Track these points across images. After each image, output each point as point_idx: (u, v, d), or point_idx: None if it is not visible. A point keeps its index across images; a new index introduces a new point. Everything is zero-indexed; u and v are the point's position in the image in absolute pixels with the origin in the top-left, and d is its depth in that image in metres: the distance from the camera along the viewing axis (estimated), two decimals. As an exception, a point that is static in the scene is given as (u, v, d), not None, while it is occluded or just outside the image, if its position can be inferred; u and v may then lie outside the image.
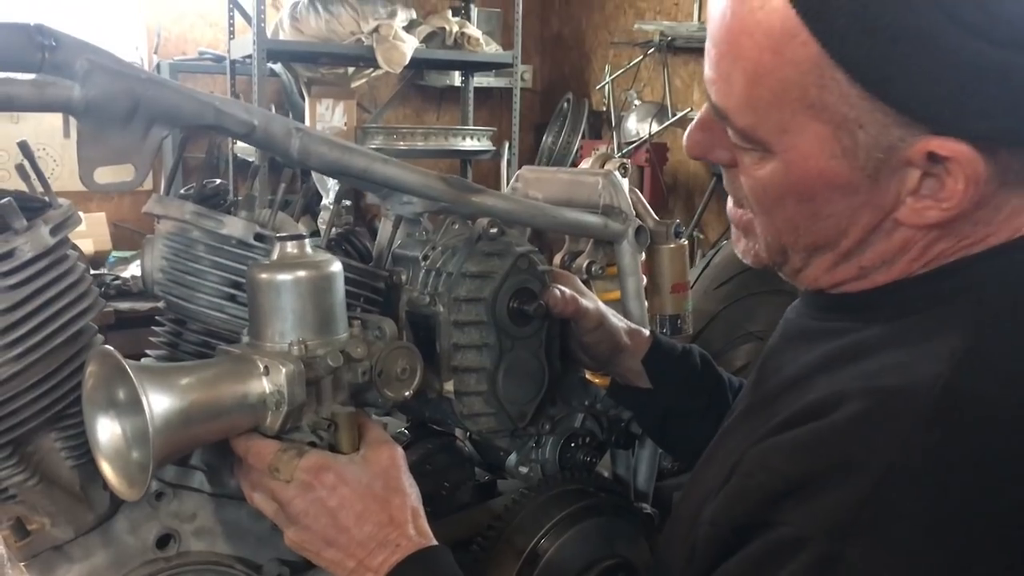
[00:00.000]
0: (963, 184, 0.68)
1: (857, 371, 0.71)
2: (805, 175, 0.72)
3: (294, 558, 1.05)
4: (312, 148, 1.07)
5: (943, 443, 0.62)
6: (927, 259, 0.74)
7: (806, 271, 0.80)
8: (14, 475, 0.89)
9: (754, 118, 0.73)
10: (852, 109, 0.68)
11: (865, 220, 0.73)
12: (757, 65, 0.70)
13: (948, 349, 0.67)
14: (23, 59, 0.90)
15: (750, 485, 0.70)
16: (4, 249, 0.84)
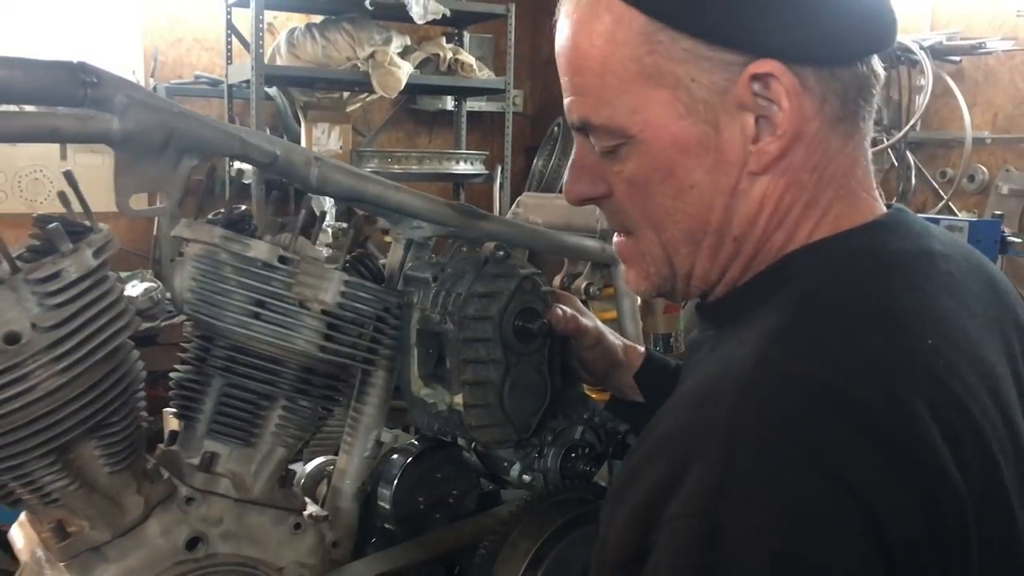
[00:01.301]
0: (786, 100, 0.75)
1: (699, 370, 0.78)
2: (661, 147, 0.79)
3: (313, 561, 1.12)
4: (330, 176, 1.14)
5: (763, 405, 0.67)
6: (782, 219, 0.80)
7: (695, 271, 0.84)
8: (57, 480, 0.95)
9: (609, 109, 0.80)
10: (681, 65, 0.76)
11: (723, 181, 0.79)
12: (599, 61, 0.79)
13: (764, 329, 0.73)
14: (67, 94, 0.97)
15: (625, 503, 0.73)
16: (52, 271, 0.91)
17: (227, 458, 1.08)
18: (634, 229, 0.86)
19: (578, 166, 0.87)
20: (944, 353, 0.72)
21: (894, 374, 0.69)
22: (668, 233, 0.83)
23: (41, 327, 0.91)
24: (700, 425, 0.69)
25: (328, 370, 1.11)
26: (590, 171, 0.86)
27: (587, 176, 0.86)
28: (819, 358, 0.69)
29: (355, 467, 1.21)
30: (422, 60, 4.35)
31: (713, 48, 0.75)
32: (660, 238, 0.84)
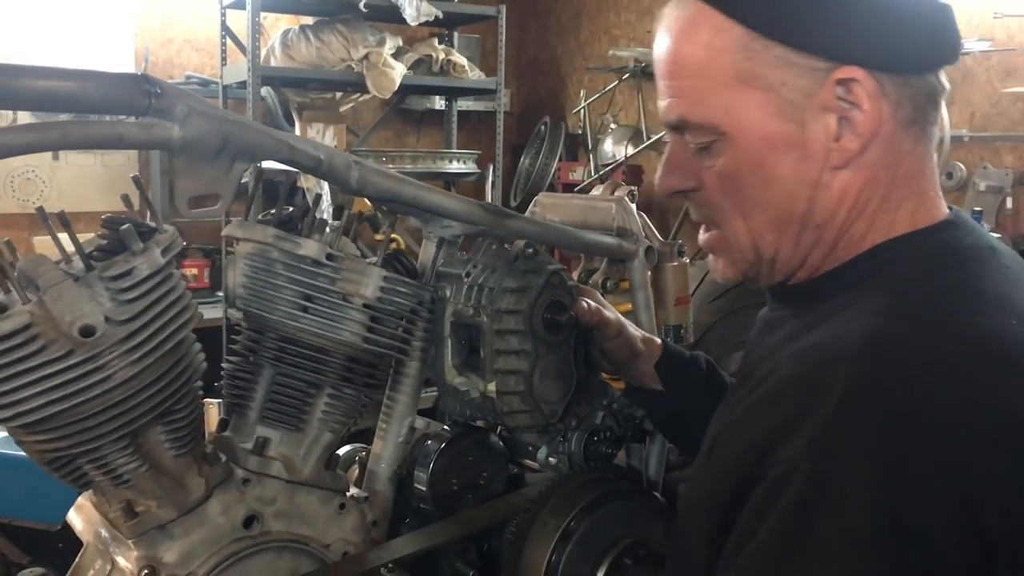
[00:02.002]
0: (868, 103, 0.86)
1: (803, 341, 0.86)
2: (752, 144, 0.89)
3: (357, 539, 1.20)
4: (369, 179, 1.22)
5: (877, 372, 0.75)
6: (862, 210, 0.89)
7: (780, 256, 0.93)
8: (129, 463, 1.02)
9: (705, 110, 0.90)
10: (773, 70, 0.87)
11: (807, 175, 0.89)
12: (699, 66, 0.90)
13: (872, 308, 0.82)
14: (133, 104, 1.04)
15: (730, 453, 0.83)
16: (124, 268, 0.98)
17: (278, 442, 1.16)
18: (722, 220, 0.95)
19: (671, 162, 0.97)
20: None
21: (994, 352, 0.77)
22: (755, 221, 0.92)
23: (115, 321, 0.98)
24: (819, 382, 0.77)
25: (370, 360, 1.18)
26: (682, 166, 0.95)
27: (679, 171, 0.96)
28: (927, 334, 0.78)
29: (390, 452, 1.29)
30: (415, 61, 4.43)
31: (802, 55, 0.86)
32: (748, 227, 0.93)
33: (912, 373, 0.75)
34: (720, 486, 0.84)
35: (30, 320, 0.93)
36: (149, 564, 1.04)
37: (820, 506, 0.72)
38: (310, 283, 1.13)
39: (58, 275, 0.96)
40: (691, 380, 1.32)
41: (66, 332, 0.95)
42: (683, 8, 0.92)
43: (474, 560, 1.28)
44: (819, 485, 0.73)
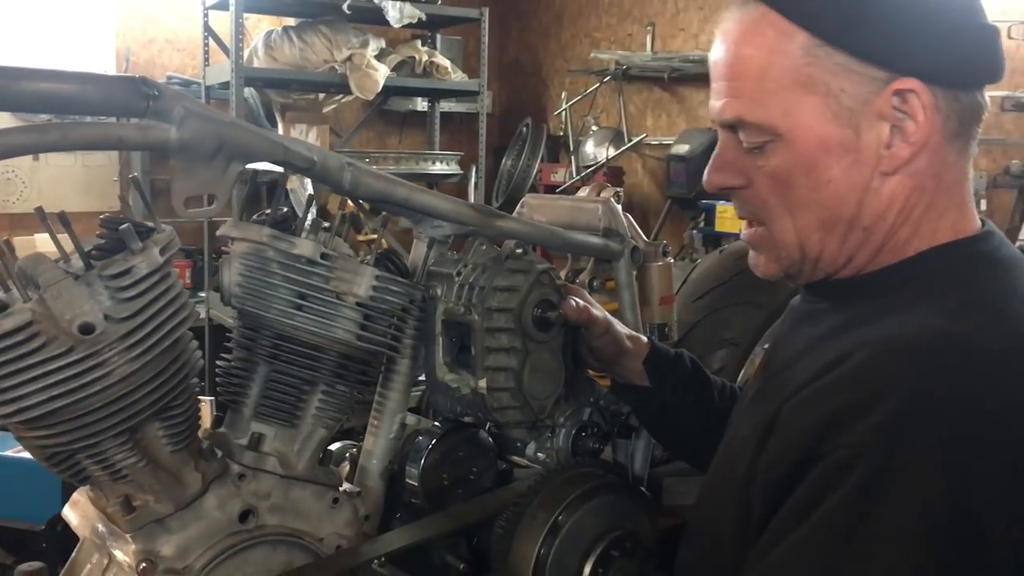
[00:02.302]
0: (922, 114, 0.89)
1: (861, 333, 0.89)
2: (807, 147, 0.92)
3: (349, 532, 1.22)
4: (361, 180, 1.24)
5: (948, 369, 0.80)
6: (908, 216, 0.93)
7: (824, 255, 0.97)
8: (128, 458, 1.04)
9: (763, 111, 0.93)
10: (835, 77, 0.90)
11: (858, 179, 0.92)
12: (760, 68, 0.93)
13: (935, 309, 0.86)
14: (131, 106, 1.06)
15: (796, 429, 0.86)
16: (124, 267, 1.00)
17: (273, 438, 1.18)
18: (768, 218, 0.99)
19: (720, 159, 1.00)
20: None
21: None
22: (803, 221, 0.96)
23: (114, 318, 0.99)
24: (891, 373, 0.81)
25: (363, 357, 1.21)
26: (732, 164, 0.99)
27: (729, 168, 0.99)
28: (990, 339, 0.82)
29: (382, 448, 1.32)
30: (398, 63, 4.45)
31: (863, 64, 0.89)
32: (795, 225, 0.96)
33: (978, 373, 0.80)
34: (781, 458, 0.87)
35: (31, 318, 0.95)
36: (147, 557, 1.06)
37: (884, 493, 0.76)
38: (305, 282, 1.15)
39: (58, 274, 0.98)
40: (677, 377, 1.35)
41: (66, 330, 0.97)
42: (746, 11, 0.95)
43: (464, 554, 1.31)
44: (885, 472, 0.77)
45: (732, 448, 1.02)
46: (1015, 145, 4.15)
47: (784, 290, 1.80)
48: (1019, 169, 4.09)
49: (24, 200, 5.17)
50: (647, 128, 5.90)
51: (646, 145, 5.78)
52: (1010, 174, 4.14)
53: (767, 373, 1.07)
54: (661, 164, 5.63)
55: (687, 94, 5.73)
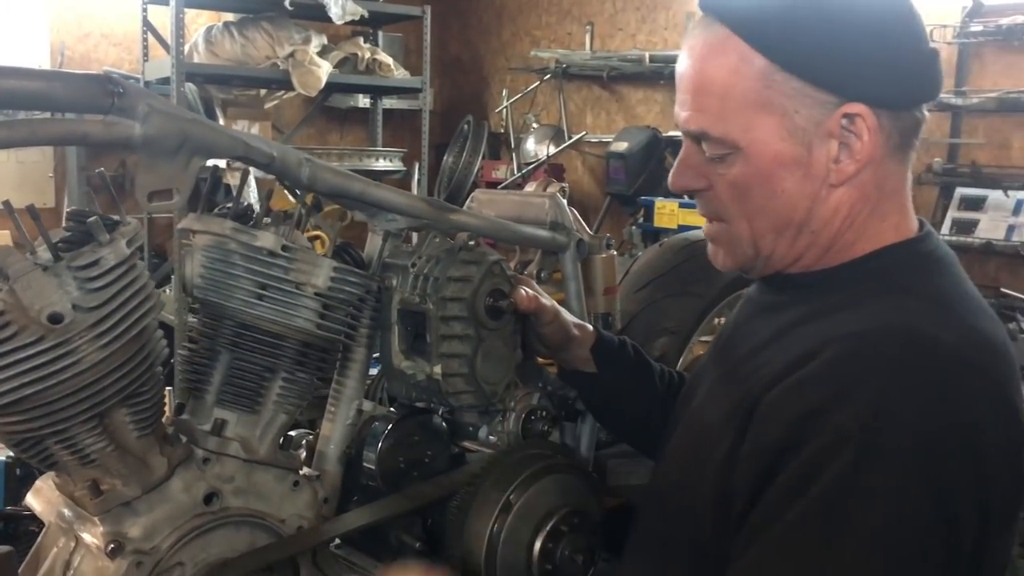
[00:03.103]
0: (867, 135, 0.99)
1: (829, 324, 0.97)
2: (764, 160, 1.02)
3: (310, 514, 1.27)
4: (319, 175, 1.29)
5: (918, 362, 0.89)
6: (852, 221, 1.03)
7: (775, 254, 1.07)
8: (97, 443, 1.08)
9: (725, 126, 1.02)
10: (790, 99, 0.99)
11: (808, 189, 1.02)
12: (724, 87, 1.01)
13: (892, 304, 0.96)
14: (95, 103, 1.09)
15: (777, 420, 0.93)
16: (92, 258, 1.04)
17: (235, 424, 1.22)
18: (727, 218, 1.08)
19: (684, 164, 1.09)
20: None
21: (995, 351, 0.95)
22: (758, 224, 1.05)
23: (83, 308, 1.03)
24: (863, 369, 0.90)
25: (322, 345, 1.25)
26: (695, 169, 1.07)
27: (691, 172, 1.08)
28: (946, 333, 0.92)
29: (339, 433, 1.36)
30: (340, 59, 4.47)
31: (816, 90, 0.98)
32: (751, 227, 1.06)
33: (939, 366, 0.90)
34: (765, 446, 0.94)
35: (2, 308, 0.98)
36: (115, 539, 1.10)
37: (869, 469, 0.86)
38: (266, 273, 1.19)
39: (27, 265, 1.01)
40: (622, 363, 1.42)
41: (36, 319, 1.00)
42: (711, 31, 1.03)
43: (419, 533, 1.36)
44: (867, 456, 0.86)
45: (705, 431, 1.08)
46: (937, 144, 4.33)
47: (719, 282, 1.89)
48: (940, 167, 4.27)
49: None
50: (587, 126, 6.00)
51: (586, 143, 5.88)
52: (933, 171, 4.32)
53: (730, 359, 1.14)
54: (600, 161, 5.74)
55: (625, 93, 5.84)
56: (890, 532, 0.86)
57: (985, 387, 0.91)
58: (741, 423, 0.99)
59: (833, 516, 0.87)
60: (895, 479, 0.86)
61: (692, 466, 1.08)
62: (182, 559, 1.15)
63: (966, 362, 0.92)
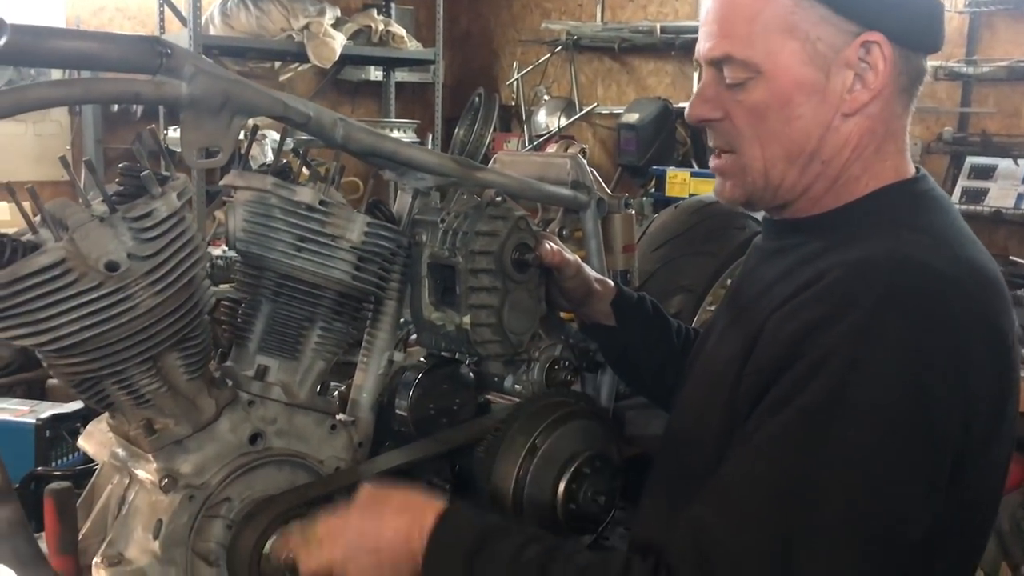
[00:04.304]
0: (882, 64, 1.05)
1: (831, 258, 1.03)
2: (784, 84, 1.08)
3: (346, 456, 1.34)
4: (352, 135, 1.35)
5: (908, 284, 0.95)
6: (860, 154, 1.08)
7: (784, 183, 1.13)
8: (150, 384, 1.15)
9: (751, 50, 1.08)
10: (813, 26, 1.06)
11: (822, 117, 1.08)
12: (753, 11, 1.08)
13: (892, 236, 1.01)
14: (145, 64, 1.15)
15: (777, 338, 1.00)
16: (146, 210, 1.10)
17: (276, 370, 1.29)
18: (740, 147, 1.13)
19: (702, 96, 1.14)
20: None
21: (987, 280, 1.01)
22: (771, 151, 1.11)
23: (137, 257, 1.09)
24: (861, 286, 0.96)
25: (357, 296, 1.32)
26: (713, 99, 1.13)
27: (710, 102, 1.13)
28: (939, 262, 0.97)
29: (371, 382, 1.43)
30: (354, 31, 4.51)
31: (839, 17, 1.05)
32: (763, 155, 1.11)
33: (931, 289, 0.96)
34: (767, 363, 1.01)
35: (64, 255, 1.05)
36: (168, 474, 1.17)
37: (856, 383, 0.91)
38: (304, 226, 1.26)
39: (85, 216, 1.07)
40: (640, 318, 1.49)
41: (94, 267, 1.06)
42: None
43: (448, 476, 1.43)
44: (853, 369, 0.92)
45: (716, 371, 1.15)
46: (948, 113, 4.36)
47: (733, 241, 1.95)
48: (951, 136, 4.31)
49: None
50: (598, 98, 6.03)
51: (597, 114, 5.91)
52: (943, 140, 4.35)
53: (739, 305, 1.21)
54: (611, 133, 5.78)
55: (637, 64, 5.87)
56: (869, 445, 0.91)
57: (973, 311, 0.97)
58: (747, 351, 1.05)
59: (815, 426, 0.93)
60: (879, 394, 0.91)
61: (704, 405, 1.14)
62: (230, 495, 1.22)
63: (955, 287, 0.97)
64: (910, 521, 0.93)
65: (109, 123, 5.26)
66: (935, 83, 4.35)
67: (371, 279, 1.32)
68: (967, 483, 0.98)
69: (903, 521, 0.93)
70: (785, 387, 0.96)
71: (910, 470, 0.92)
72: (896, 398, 0.91)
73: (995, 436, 1.00)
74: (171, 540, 1.18)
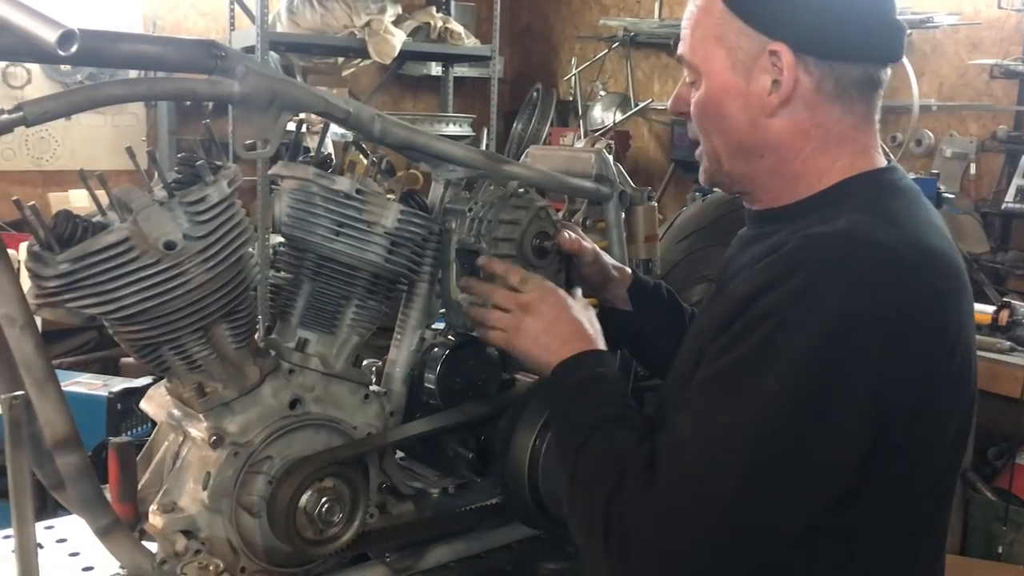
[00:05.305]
0: (787, 72, 1.14)
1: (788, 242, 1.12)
2: (714, 87, 1.20)
3: (378, 423, 1.46)
4: (389, 129, 1.47)
5: (848, 256, 1.04)
6: (798, 154, 1.18)
7: (735, 172, 1.24)
8: (202, 351, 1.29)
9: (693, 53, 1.22)
10: (736, 36, 1.17)
11: (747, 116, 1.19)
12: (696, 22, 1.22)
13: (845, 215, 1.09)
14: (202, 64, 1.29)
15: (732, 298, 1.11)
16: (200, 195, 1.24)
17: (315, 343, 1.42)
18: (700, 138, 1.27)
19: (678, 91, 1.29)
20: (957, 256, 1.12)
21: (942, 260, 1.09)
22: (717, 143, 1.24)
23: (192, 237, 1.23)
24: (803, 256, 1.06)
25: (390, 277, 1.45)
26: (683, 95, 1.27)
27: (680, 98, 1.28)
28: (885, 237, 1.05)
29: (404, 358, 1.56)
30: (414, 28, 4.65)
31: (752, 30, 1.16)
32: (712, 146, 1.25)
33: (872, 261, 1.04)
34: (720, 322, 1.12)
35: (128, 235, 1.19)
36: (217, 432, 1.31)
37: (780, 342, 1.02)
38: (342, 212, 1.38)
39: (146, 200, 1.21)
40: (655, 304, 1.59)
41: (154, 245, 1.20)
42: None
43: (473, 447, 1.55)
44: (785, 326, 1.02)
45: (689, 346, 1.25)
46: (1003, 111, 4.34)
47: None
48: (1005, 134, 4.28)
49: (57, 158, 5.43)
50: (653, 93, 6.09)
51: (652, 110, 5.97)
52: (997, 139, 4.32)
53: (716, 289, 1.31)
54: (666, 128, 5.84)
55: (693, 60, 5.89)
56: (778, 400, 1.00)
57: (913, 286, 1.04)
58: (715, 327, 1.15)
59: (738, 376, 1.04)
60: (798, 355, 1.00)
61: (681, 378, 1.24)
62: (271, 453, 1.36)
63: (896, 261, 1.04)
64: (804, 478, 1.03)
65: (182, 115, 5.51)
66: (991, 81, 4.33)
67: (403, 262, 1.44)
68: (895, 456, 1.05)
69: (798, 477, 1.02)
70: (727, 339, 1.07)
71: (813, 428, 1.00)
72: (812, 360, 1.00)
73: (932, 414, 1.06)
74: (218, 491, 1.32)
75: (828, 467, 1.04)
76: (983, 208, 4.28)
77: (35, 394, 1.21)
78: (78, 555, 1.53)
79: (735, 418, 1.02)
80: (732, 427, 1.02)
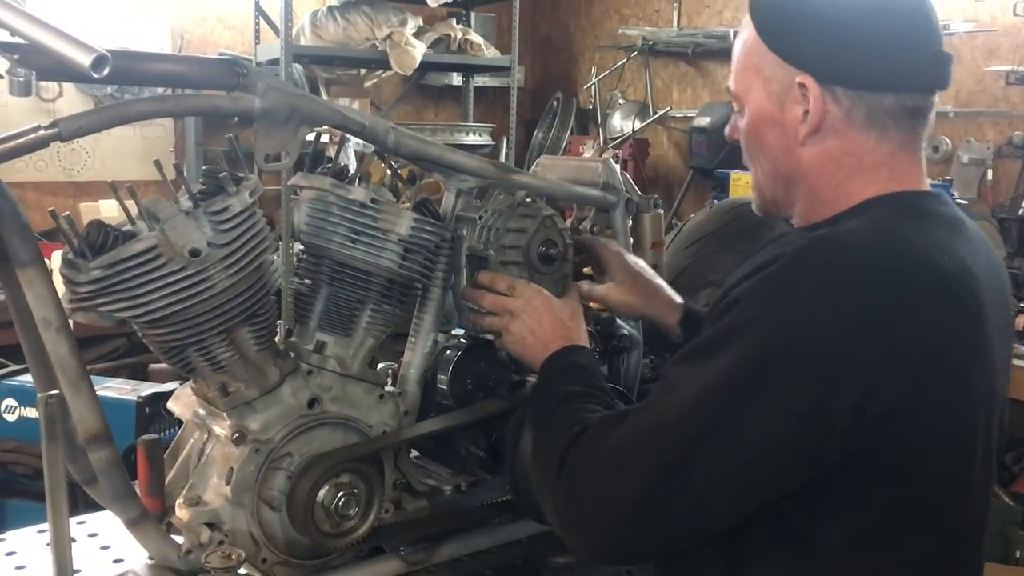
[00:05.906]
0: (813, 102, 1.19)
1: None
2: (754, 116, 1.26)
3: (393, 422, 1.53)
4: (402, 141, 1.54)
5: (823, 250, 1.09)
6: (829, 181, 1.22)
7: (776, 199, 1.30)
8: (226, 352, 1.36)
9: (737, 86, 1.29)
10: (770, 68, 1.23)
11: (782, 144, 1.24)
12: (738, 56, 1.29)
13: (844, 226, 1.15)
14: (225, 81, 1.37)
15: (722, 290, 1.18)
16: (223, 205, 1.31)
17: (333, 345, 1.49)
18: (748, 165, 1.33)
19: (732, 120, 1.34)
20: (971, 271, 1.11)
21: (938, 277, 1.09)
22: (760, 170, 1.31)
23: (215, 244, 1.30)
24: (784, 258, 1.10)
25: (403, 283, 1.51)
26: (735, 123, 1.33)
27: (734, 126, 1.33)
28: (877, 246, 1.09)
29: (418, 360, 1.62)
30: (434, 40, 4.74)
31: (782, 63, 1.21)
32: (756, 173, 1.32)
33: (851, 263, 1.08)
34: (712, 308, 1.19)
35: (156, 243, 1.26)
36: (239, 430, 1.38)
37: (742, 327, 1.08)
38: (358, 221, 1.45)
39: (173, 210, 1.29)
40: None
41: (180, 253, 1.28)
42: (747, 14, 1.29)
43: (484, 445, 1.61)
44: (748, 311, 1.09)
45: None
46: (1020, 117, 4.35)
47: (764, 239, 2.08)
48: (1022, 140, 4.29)
49: (88, 169, 5.56)
50: (672, 101, 6.15)
51: (671, 118, 6.03)
52: (1014, 145, 4.34)
53: None
54: (685, 136, 5.88)
55: (711, 68, 5.96)
56: (727, 379, 1.06)
57: (881, 292, 1.05)
58: None
59: (701, 353, 1.11)
60: (751, 342, 1.06)
61: None
62: (290, 450, 1.43)
63: (875, 269, 1.06)
64: (734, 460, 1.06)
65: (208, 127, 5.63)
66: (1007, 87, 4.34)
67: (416, 268, 1.51)
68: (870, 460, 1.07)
69: (728, 455, 1.06)
70: (707, 322, 1.17)
71: (746, 412, 1.05)
72: (759, 348, 1.05)
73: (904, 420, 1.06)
74: (240, 486, 1.39)
75: (760, 454, 1.06)
76: (1000, 214, 4.29)
77: (69, 393, 1.29)
78: (109, 548, 1.61)
79: (687, 390, 1.10)
80: (684, 397, 1.10)
